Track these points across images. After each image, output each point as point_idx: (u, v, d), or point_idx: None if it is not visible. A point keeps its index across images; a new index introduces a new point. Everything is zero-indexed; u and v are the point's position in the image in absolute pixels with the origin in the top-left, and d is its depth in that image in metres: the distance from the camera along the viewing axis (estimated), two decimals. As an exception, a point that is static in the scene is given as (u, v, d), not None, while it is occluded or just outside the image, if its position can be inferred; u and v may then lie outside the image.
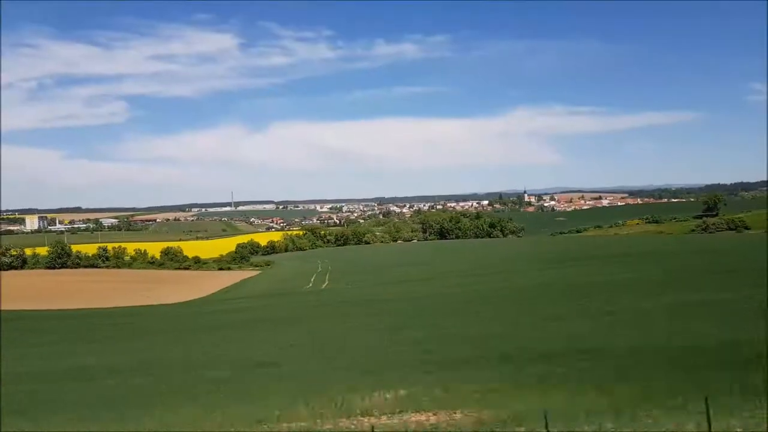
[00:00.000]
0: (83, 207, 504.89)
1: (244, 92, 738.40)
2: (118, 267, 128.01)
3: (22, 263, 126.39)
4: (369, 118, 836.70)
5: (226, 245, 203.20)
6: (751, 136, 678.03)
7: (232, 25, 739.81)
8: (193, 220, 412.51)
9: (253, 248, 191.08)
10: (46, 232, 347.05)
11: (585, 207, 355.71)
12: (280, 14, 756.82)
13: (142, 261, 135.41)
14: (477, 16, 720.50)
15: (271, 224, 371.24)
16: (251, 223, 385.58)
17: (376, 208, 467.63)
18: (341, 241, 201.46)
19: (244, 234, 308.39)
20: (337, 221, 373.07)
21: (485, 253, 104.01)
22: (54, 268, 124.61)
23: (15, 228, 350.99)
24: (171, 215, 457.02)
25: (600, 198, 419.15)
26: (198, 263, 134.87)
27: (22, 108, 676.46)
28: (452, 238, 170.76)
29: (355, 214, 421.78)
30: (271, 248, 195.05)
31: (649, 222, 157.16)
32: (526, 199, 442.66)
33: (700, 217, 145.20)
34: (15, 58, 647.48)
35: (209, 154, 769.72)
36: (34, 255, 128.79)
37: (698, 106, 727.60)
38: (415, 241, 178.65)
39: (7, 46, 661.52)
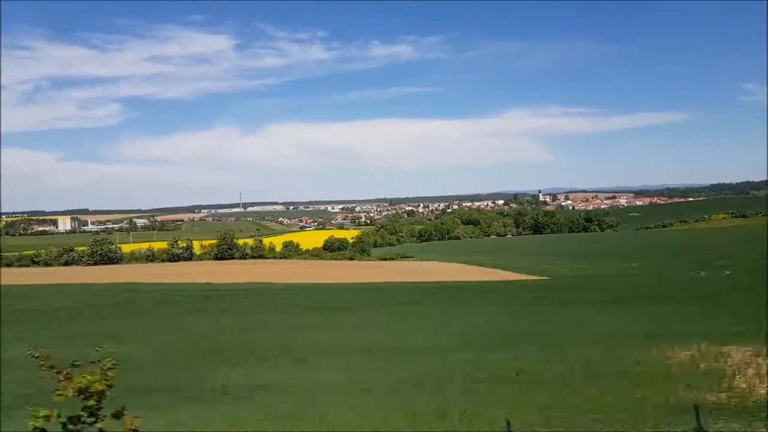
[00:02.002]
0: (90, 209, 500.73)
1: (238, 93, 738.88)
2: (286, 258, 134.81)
3: (190, 255, 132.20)
4: (364, 119, 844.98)
5: (312, 240, 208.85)
6: (745, 136, 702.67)
7: (226, 27, 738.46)
8: (218, 221, 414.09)
9: (342, 243, 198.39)
10: (81, 232, 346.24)
11: (603, 206, 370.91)
12: (275, 15, 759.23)
13: (296, 252, 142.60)
14: (470, 17, 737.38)
15: (304, 224, 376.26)
16: (281, 223, 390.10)
17: (388, 208, 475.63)
18: (424, 237, 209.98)
19: (281, 234, 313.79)
20: (366, 221, 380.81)
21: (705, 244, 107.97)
22: (223, 259, 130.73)
23: (48, 228, 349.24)
24: (182, 216, 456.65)
25: (614, 197, 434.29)
26: (360, 254, 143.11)
27: (18, 110, 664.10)
28: (547, 233, 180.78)
29: (372, 214, 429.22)
30: (360, 243, 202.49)
31: (735, 216, 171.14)
32: (542, 198, 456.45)
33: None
34: (10, 60, 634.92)
35: (204, 155, 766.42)
36: (203, 246, 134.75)
37: (691, 107, 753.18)
38: (509, 236, 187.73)
39: (2, 48, 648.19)
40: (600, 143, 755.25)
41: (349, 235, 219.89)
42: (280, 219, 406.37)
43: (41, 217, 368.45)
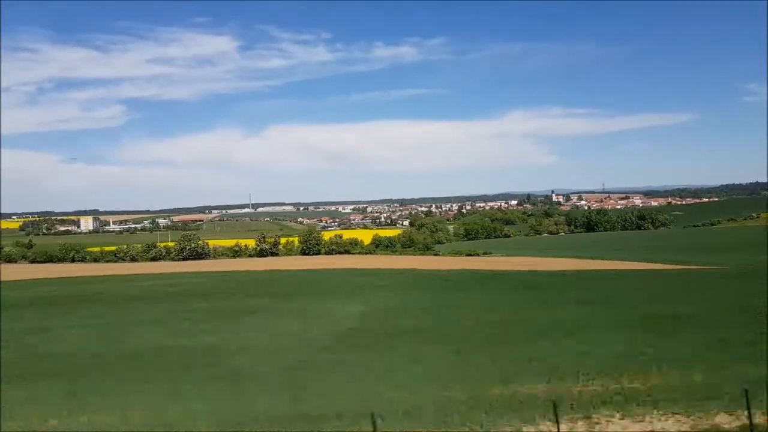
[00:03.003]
0: (100, 209, 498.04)
1: (241, 95, 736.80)
2: (369, 253, 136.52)
3: (277, 250, 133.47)
4: (366, 121, 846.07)
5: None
6: (748, 137, 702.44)
7: (230, 28, 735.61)
8: (237, 221, 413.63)
9: (390, 241, 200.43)
10: (103, 232, 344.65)
11: (618, 206, 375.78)
12: (278, 17, 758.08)
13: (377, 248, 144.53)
14: (473, 18, 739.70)
15: (324, 224, 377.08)
16: (301, 223, 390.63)
17: (400, 209, 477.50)
18: (472, 235, 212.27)
19: (302, 234, 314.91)
20: (386, 221, 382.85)
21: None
22: (309, 254, 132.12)
23: (70, 228, 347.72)
24: (193, 217, 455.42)
25: (627, 198, 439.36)
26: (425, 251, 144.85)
27: (21, 112, 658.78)
28: (600, 231, 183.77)
29: (385, 214, 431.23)
30: (410, 241, 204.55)
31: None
32: (555, 199, 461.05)
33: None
34: (14, 62, 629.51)
35: (207, 157, 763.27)
36: (288, 242, 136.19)
37: (694, 108, 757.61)
38: (562, 234, 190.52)
39: (5, 50, 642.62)
40: (602, 144, 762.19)
41: (384, 234, 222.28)
42: (299, 219, 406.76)
43: (63, 218, 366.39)
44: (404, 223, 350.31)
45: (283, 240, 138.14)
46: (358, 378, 19.96)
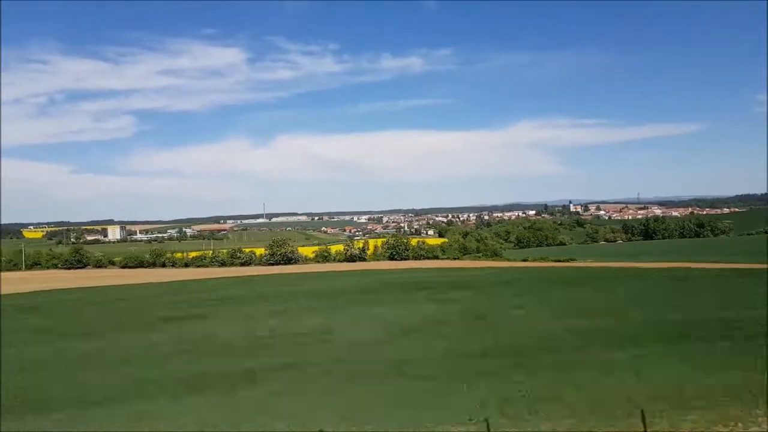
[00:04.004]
0: (115, 219, 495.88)
1: (249, 106, 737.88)
2: (457, 259, 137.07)
3: (364, 255, 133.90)
4: (374, 131, 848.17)
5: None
6: (761, 147, 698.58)
7: (238, 40, 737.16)
8: (260, 230, 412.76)
9: (441, 249, 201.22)
10: (131, 241, 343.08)
11: (639, 216, 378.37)
12: (286, 28, 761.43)
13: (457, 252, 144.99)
14: (481, 28, 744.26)
15: (349, 233, 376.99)
16: (325, 232, 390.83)
17: (416, 219, 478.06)
18: (523, 243, 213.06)
19: (335, 244, 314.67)
20: (409, 230, 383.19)
21: None
22: (396, 260, 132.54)
23: (99, 238, 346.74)
24: (216, 227, 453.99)
25: (646, 208, 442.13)
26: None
27: (32, 123, 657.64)
28: (658, 239, 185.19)
29: (406, 224, 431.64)
30: (464, 249, 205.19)
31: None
32: (572, 209, 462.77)
33: None
34: (25, 74, 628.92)
35: (215, 167, 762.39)
36: (376, 247, 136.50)
37: (703, 118, 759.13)
38: (620, 241, 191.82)
39: (17, 62, 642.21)
40: (610, 155, 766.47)
41: (430, 243, 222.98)
42: (323, 228, 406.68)
43: (88, 227, 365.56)
44: (428, 233, 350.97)
45: (371, 244, 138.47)
46: None
